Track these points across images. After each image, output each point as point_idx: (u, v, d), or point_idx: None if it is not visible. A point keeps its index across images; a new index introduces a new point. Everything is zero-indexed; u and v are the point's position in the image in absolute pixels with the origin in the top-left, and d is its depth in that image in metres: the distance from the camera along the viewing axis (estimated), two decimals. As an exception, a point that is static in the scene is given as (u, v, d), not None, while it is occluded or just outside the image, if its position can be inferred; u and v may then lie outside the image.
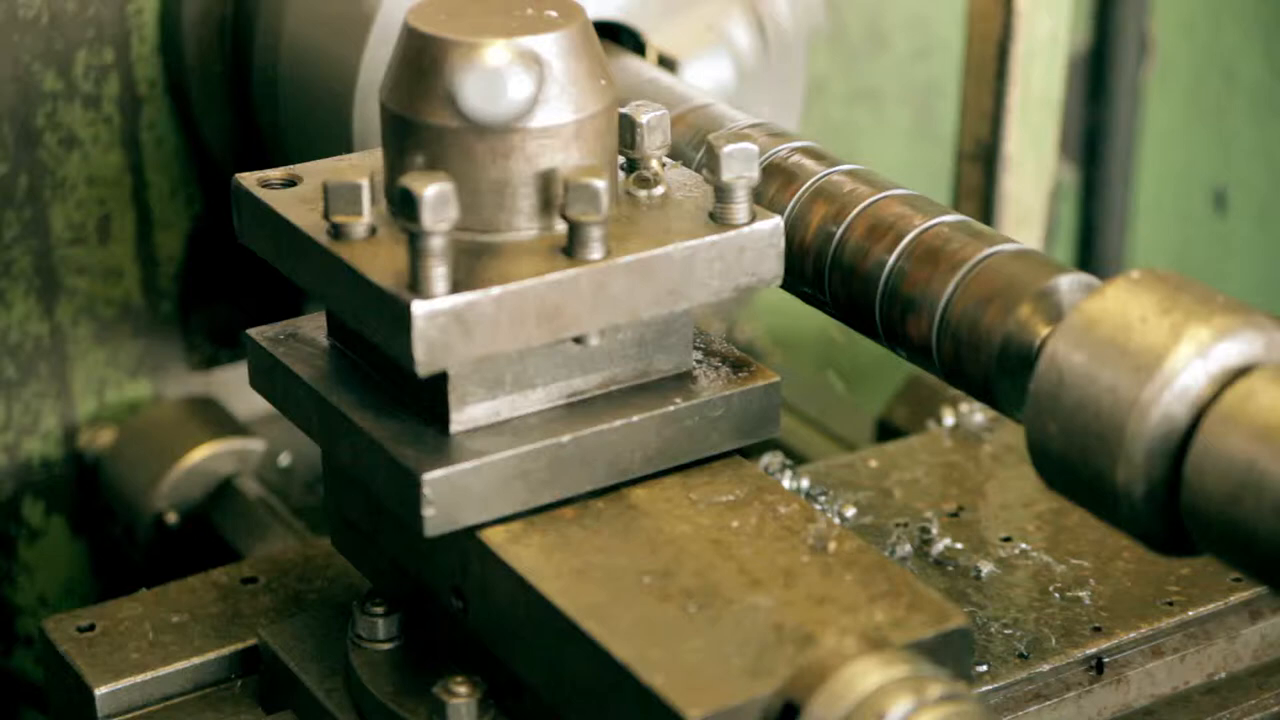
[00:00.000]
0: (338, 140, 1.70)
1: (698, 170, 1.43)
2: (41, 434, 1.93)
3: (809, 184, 1.45)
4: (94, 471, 1.94)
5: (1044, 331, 1.27)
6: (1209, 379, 1.16)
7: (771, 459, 1.61)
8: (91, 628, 1.53)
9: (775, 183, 1.45)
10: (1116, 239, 2.61)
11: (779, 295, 1.46)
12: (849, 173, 1.45)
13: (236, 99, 1.89)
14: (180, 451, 1.89)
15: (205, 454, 1.89)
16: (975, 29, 1.98)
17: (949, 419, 1.70)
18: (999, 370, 1.30)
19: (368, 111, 1.67)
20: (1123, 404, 1.17)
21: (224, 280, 1.98)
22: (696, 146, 1.53)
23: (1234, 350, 1.17)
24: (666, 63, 1.75)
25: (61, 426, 1.94)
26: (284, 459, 1.99)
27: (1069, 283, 1.29)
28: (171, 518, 1.88)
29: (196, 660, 1.50)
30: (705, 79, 1.77)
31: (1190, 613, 1.47)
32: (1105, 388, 1.18)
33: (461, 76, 1.25)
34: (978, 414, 1.69)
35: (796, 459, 1.72)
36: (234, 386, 2.01)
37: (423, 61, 1.28)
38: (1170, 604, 1.48)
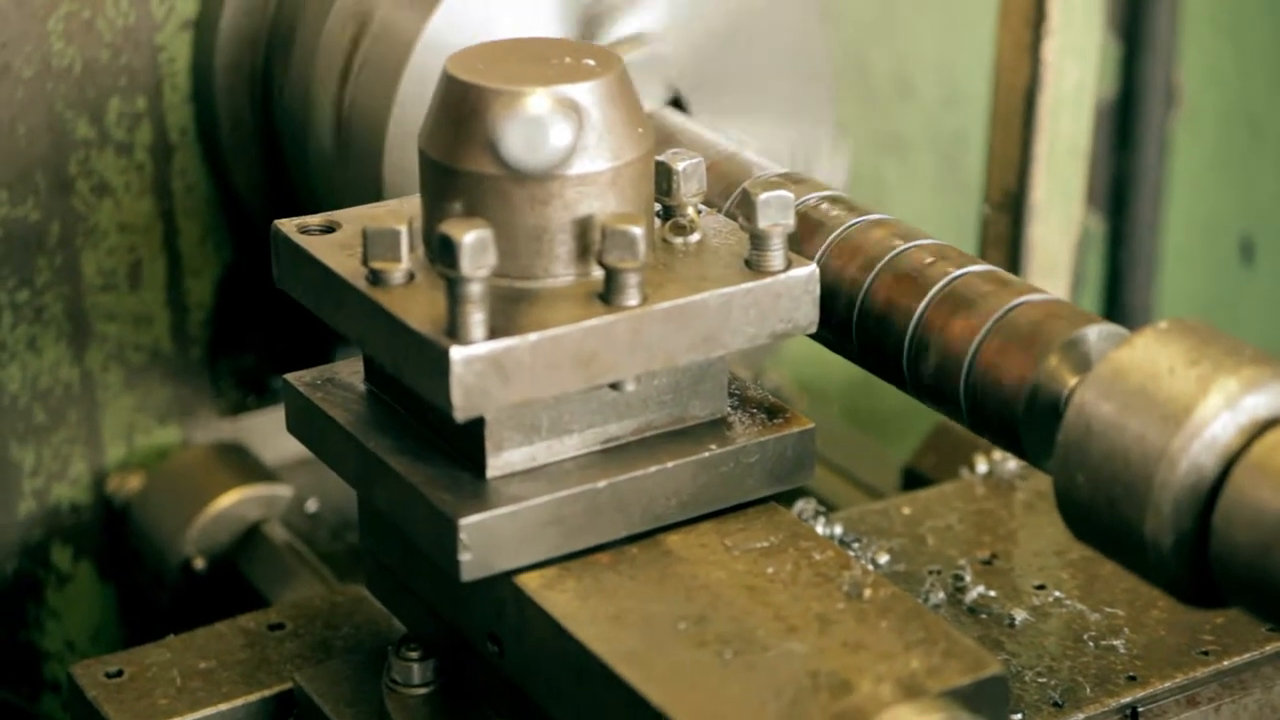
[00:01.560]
0: (368, 187, 1.70)
1: (730, 217, 1.44)
2: (71, 479, 1.93)
3: (836, 233, 1.45)
4: (122, 517, 1.95)
5: (1072, 381, 1.28)
6: (1238, 430, 1.16)
7: (805, 505, 1.61)
8: (119, 674, 1.53)
9: (803, 231, 1.46)
10: (1143, 288, 2.61)
11: (805, 343, 1.46)
12: (876, 222, 1.46)
13: (267, 146, 1.90)
14: (208, 497, 1.90)
15: (233, 500, 1.89)
16: (1002, 78, 1.98)
17: (982, 466, 1.70)
18: (1026, 420, 1.30)
19: (398, 159, 1.67)
20: (1151, 455, 1.17)
21: (253, 326, 1.99)
22: (724, 194, 1.54)
23: (1262, 402, 1.17)
24: (679, 105, 1.76)
25: (91, 472, 1.94)
26: (311, 505, 2.00)
27: (1097, 333, 1.30)
28: (199, 563, 1.88)
29: (224, 707, 1.50)
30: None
31: (1225, 662, 1.47)
32: (1133, 438, 1.18)
33: (503, 125, 1.25)
34: (1010, 461, 1.69)
35: (823, 506, 1.72)
36: (262, 432, 2.01)
37: (462, 109, 1.29)
38: (1205, 653, 1.47)
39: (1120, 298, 2.62)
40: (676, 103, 1.76)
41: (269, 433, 2.01)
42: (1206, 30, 2.58)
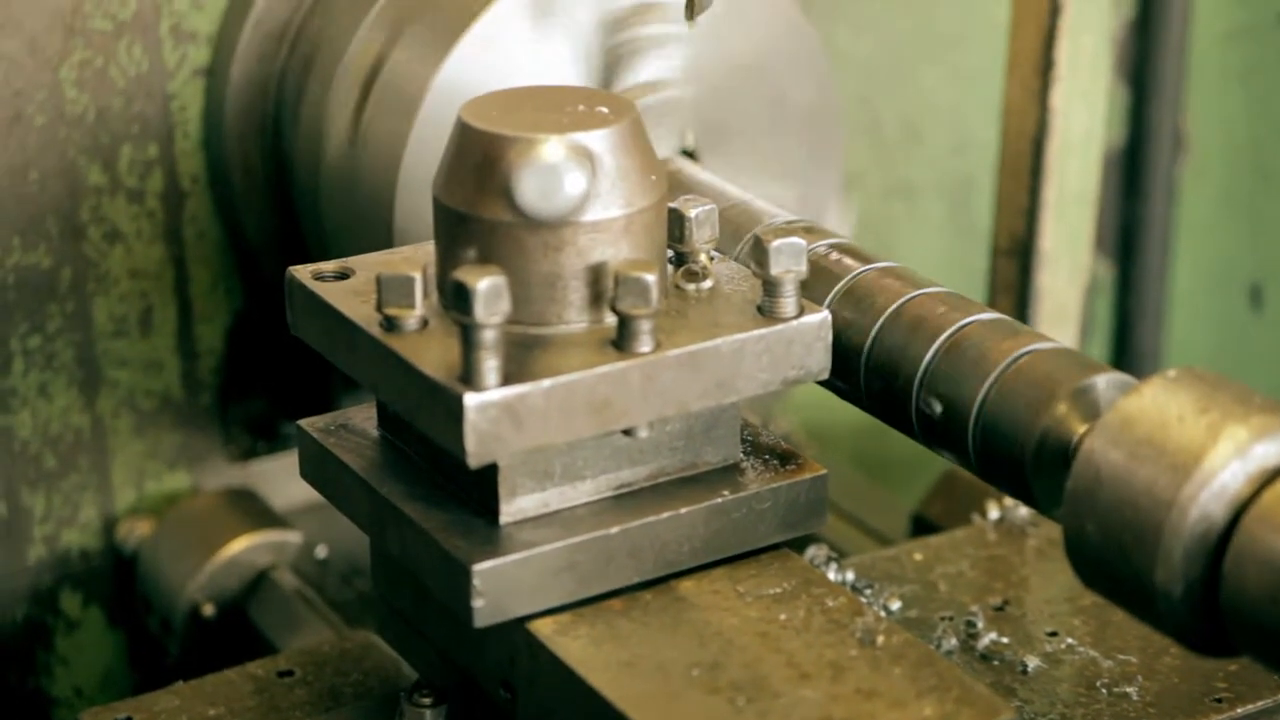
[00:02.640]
0: (379, 235, 1.71)
1: (741, 264, 1.44)
2: (80, 525, 1.93)
3: (845, 280, 1.46)
4: (132, 563, 1.95)
5: (1080, 430, 1.28)
6: (1247, 479, 1.17)
7: (816, 551, 1.61)
8: (128, 720, 1.53)
9: (813, 278, 1.46)
10: (1152, 335, 2.61)
11: (814, 389, 1.47)
12: (885, 270, 1.46)
13: (278, 193, 1.90)
14: (218, 543, 1.90)
15: (242, 546, 1.89)
16: (1010, 125, 1.99)
17: (994, 512, 1.70)
18: (1035, 468, 1.30)
19: (410, 206, 1.68)
20: (1160, 503, 1.17)
21: (263, 373, 1.99)
22: (735, 241, 1.54)
23: (1272, 451, 1.17)
24: (688, 154, 1.77)
25: (100, 518, 1.94)
26: (321, 551, 1.99)
27: (1105, 381, 1.30)
28: (208, 610, 1.88)
29: (233, 754, 1.50)
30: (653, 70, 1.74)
31: (1239, 710, 1.46)
32: (1142, 487, 1.18)
33: (518, 173, 1.26)
34: (1022, 507, 1.69)
35: (834, 553, 1.72)
36: (272, 478, 2.01)
37: (477, 157, 1.29)
38: (1219, 700, 1.47)
39: (1129, 344, 2.62)
40: (687, 152, 1.77)
41: (278, 478, 2.01)
42: (1214, 77, 2.59)
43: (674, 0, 1.68)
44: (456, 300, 1.22)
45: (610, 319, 1.31)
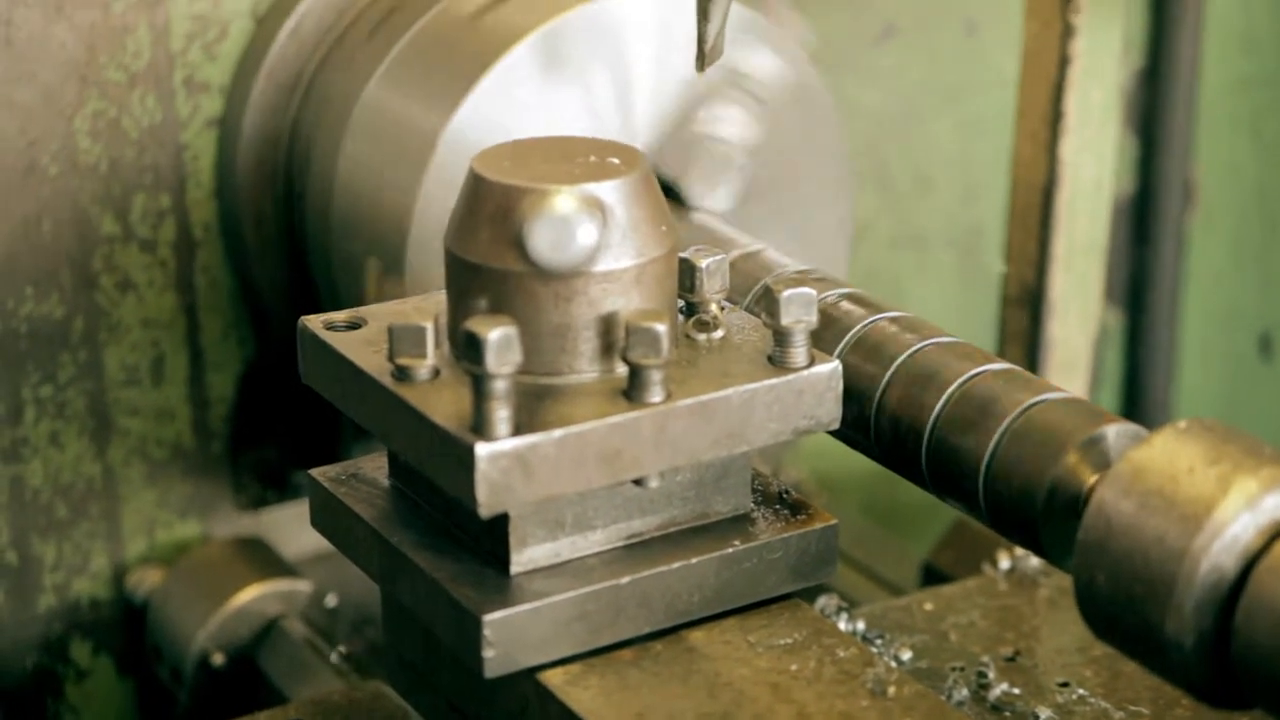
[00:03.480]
0: (390, 285, 1.71)
1: (751, 314, 1.44)
2: (91, 574, 1.93)
3: (855, 330, 1.46)
4: (142, 612, 1.94)
5: (1091, 480, 1.28)
6: (1258, 531, 1.16)
7: (827, 601, 1.61)
8: (140, 769, 1.53)
9: (823, 328, 1.46)
10: (1162, 384, 2.61)
11: (825, 439, 1.47)
12: (894, 320, 1.46)
13: (289, 242, 1.91)
14: (228, 592, 1.90)
15: (252, 595, 1.89)
16: (1020, 175, 1.99)
17: (1004, 562, 1.70)
18: (1046, 518, 1.30)
19: (421, 256, 1.68)
20: (1171, 555, 1.17)
21: (273, 421, 1.99)
22: (744, 291, 1.55)
23: (1282, 503, 1.17)
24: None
25: (111, 566, 1.94)
26: (330, 600, 1.99)
27: (1116, 431, 1.30)
28: (218, 659, 1.88)
29: (243, 804, 1.50)
30: (715, 189, 1.76)
31: (1251, 760, 1.46)
32: (1153, 538, 1.18)
33: (530, 224, 1.26)
34: (1033, 557, 1.69)
35: (844, 602, 1.72)
36: (282, 527, 2.02)
37: (489, 208, 1.30)
38: (1230, 751, 1.46)
39: (1139, 393, 2.62)
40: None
41: (289, 527, 2.02)
42: (1223, 128, 2.59)
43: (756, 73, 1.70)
44: (468, 350, 1.23)
45: (621, 369, 1.31)
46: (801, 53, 1.80)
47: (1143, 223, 2.55)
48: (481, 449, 1.23)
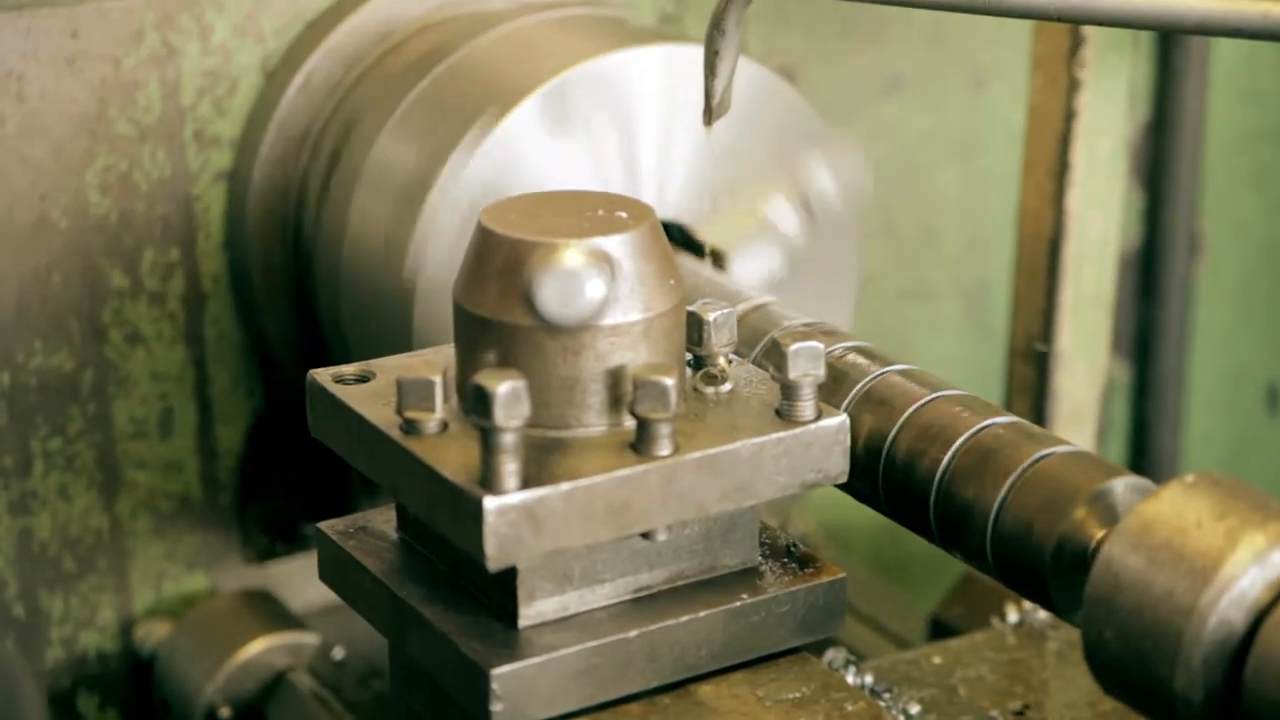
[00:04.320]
0: (398, 337, 1.72)
1: (759, 367, 1.45)
2: (98, 627, 1.93)
3: (862, 384, 1.46)
4: (149, 665, 1.94)
5: (1099, 534, 1.28)
6: (1266, 585, 1.16)
7: (835, 655, 1.60)
8: (147, 824, 1.52)
9: (830, 381, 1.47)
10: (1169, 437, 2.61)
11: (832, 491, 1.47)
12: (902, 373, 1.47)
13: (298, 295, 1.91)
14: (235, 645, 1.89)
15: (260, 648, 1.89)
16: (1026, 228, 2.00)
17: (1012, 615, 1.69)
18: (1054, 573, 1.30)
19: (429, 308, 1.69)
20: (1180, 609, 1.17)
21: (282, 474, 2.00)
22: (752, 345, 1.55)
23: (1291, 557, 1.17)
24: (716, 256, 1.78)
25: (118, 620, 1.94)
26: (338, 653, 1.99)
27: (1123, 485, 1.30)
28: (225, 712, 1.88)
29: None
30: (756, 268, 1.79)
31: (1261, 815, 1.45)
32: (1161, 593, 1.18)
33: (539, 279, 1.27)
34: (1041, 610, 1.69)
35: (853, 656, 1.72)
36: (289, 579, 2.01)
37: (497, 262, 1.30)
38: (1240, 806, 1.46)
39: (1147, 445, 2.62)
40: (714, 254, 1.78)
41: (296, 580, 2.02)
42: (1228, 180, 2.60)
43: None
44: (476, 404, 1.23)
45: (629, 422, 1.31)
46: (860, 181, 1.82)
47: (1149, 275, 2.56)
48: (490, 502, 1.23)
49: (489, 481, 1.24)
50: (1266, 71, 2.57)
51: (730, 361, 1.39)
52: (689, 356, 1.39)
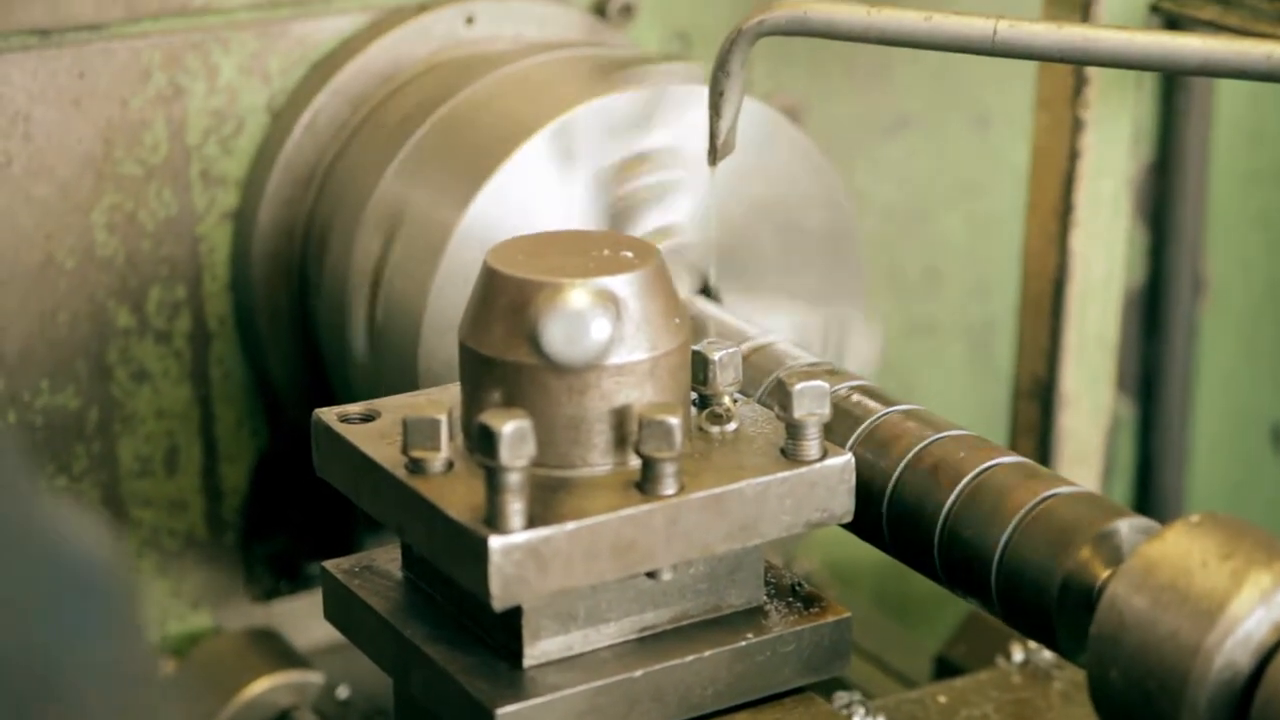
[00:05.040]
0: (403, 377, 1.72)
1: (764, 406, 1.45)
2: (103, 666, 1.93)
3: (867, 424, 1.46)
4: (154, 704, 1.94)
5: (1104, 575, 1.28)
6: (1272, 626, 1.16)
7: (841, 694, 1.60)
8: None
9: (834, 421, 1.47)
10: (1175, 475, 2.61)
11: (837, 529, 1.47)
12: (906, 413, 1.47)
13: (303, 334, 1.92)
14: (239, 684, 1.89)
15: (264, 687, 1.89)
16: (1031, 268, 2.00)
17: (1018, 655, 1.69)
18: (1059, 613, 1.30)
19: (434, 348, 1.69)
20: (1185, 650, 1.17)
21: (286, 512, 2.00)
22: (757, 384, 1.55)
23: (1297, 598, 1.17)
24: (709, 292, 1.78)
25: (123, 659, 1.94)
26: (342, 692, 1.99)
27: (1128, 526, 1.30)
28: (229, 751, 1.87)
29: None
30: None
31: None
32: (1167, 633, 1.18)
33: (544, 319, 1.27)
34: (1046, 650, 1.68)
35: (859, 694, 1.71)
36: (294, 618, 2.01)
37: (502, 302, 1.31)
38: None
39: (1152, 484, 2.61)
40: (706, 290, 1.78)
41: (301, 618, 2.01)
42: (1233, 220, 2.60)
43: (674, 145, 1.70)
44: (482, 443, 1.23)
45: (634, 461, 1.31)
46: (795, 132, 1.82)
47: (1154, 314, 2.56)
48: (495, 542, 1.23)
49: (494, 521, 1.24)
50: (1271, 111, 2.58)
51: (735, 401, 1.39)
52: (694, 395, 1.39)
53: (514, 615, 1.30)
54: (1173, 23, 1.88)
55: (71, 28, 1.81)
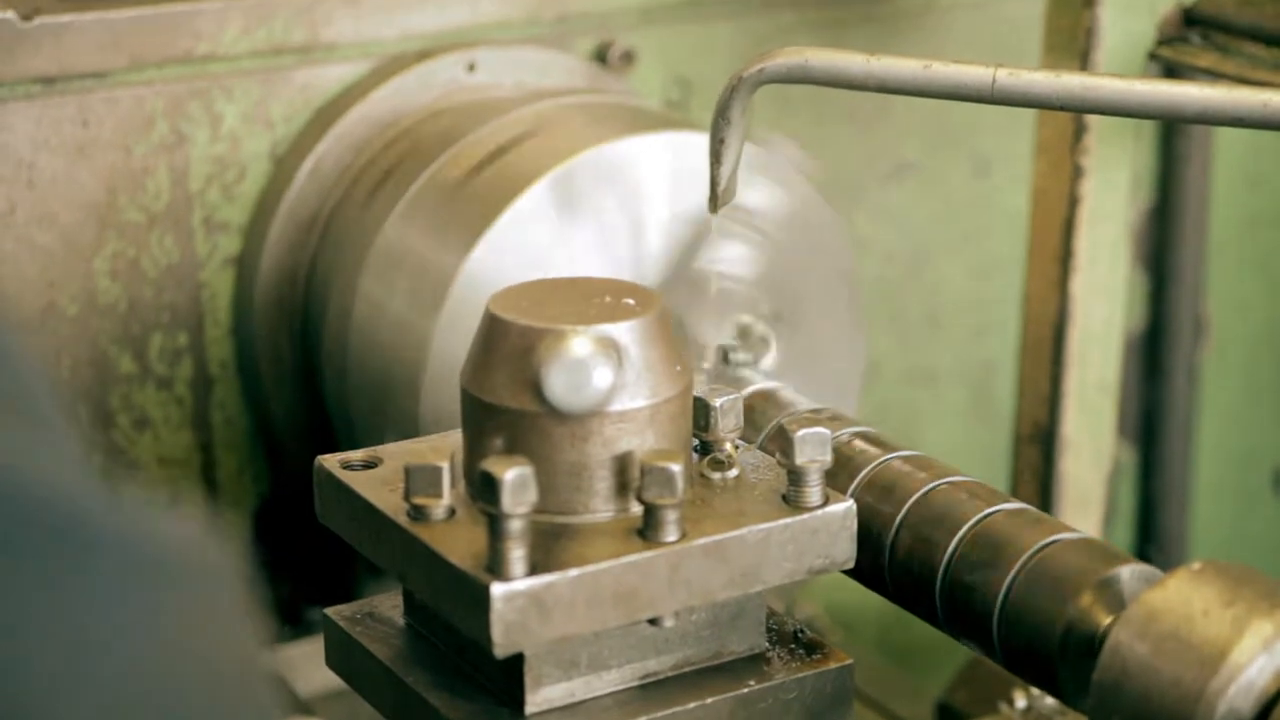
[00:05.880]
0: (405, 423, 1.72)
1: (765, 453, 1.45)
2: (104, 713, 1.93)
3: (867, 470, 1.47)
4: (155, 751, 1.93)
5: (1106, 621, 1.28)
6: (1274, 674, 1.16)
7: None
8: None
9: (835, 467, 1.47)
10: (1176, 520, 2.61)
11: (838, 576, 1.47)
12: (907, 458, 1.47)
13: (305, 380, 1.92)
14: (241, 731, 1.89)
15: (266, 733, 1.88)
16: (1031, 313, 2.00)
17: (1020, 701, 1.69)
18: (1061, 659, 1.30)
19: (436, 395, 1.69)
20: (1188, 697, 1.17)
21: (288, 558, 2.00)
22: (759, 430, 1.55)
23: (1299, 646, 1.17)
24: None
25: (124, 705, 1.93)
26: (344, 739, 1.99)
27: (1130, 573, 1.30)
28: (230, 798, 1.87)
29: None
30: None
31: None
32: (1169, 681, 1.18)
33: (547, 367, 1.27)
34: (1048, 696, 1.68)
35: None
36: (295, 664, 2.01)
37: (505, 349, 1.31)
38: None
39: (1153, 528, 2.61)
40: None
41: (303, 664, 2.01)
42: (1233, 264, 2.61)
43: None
44: (484, 490, 1.23)
45: (636, 508, 1.31)
46: (802, 180, 1.81)
47: (1155, 358, 2.56)
48: (497, 589, 1.23)
49: (496, 568, 1.24)
50: (1269, 156, 2.59)
51: (737, 447, 1.40)
52: (696, 442, 1.39)
53: (516, 662, 1.30)
54: (1171, 70, 1.89)
55: (75, 76, 1.82)
